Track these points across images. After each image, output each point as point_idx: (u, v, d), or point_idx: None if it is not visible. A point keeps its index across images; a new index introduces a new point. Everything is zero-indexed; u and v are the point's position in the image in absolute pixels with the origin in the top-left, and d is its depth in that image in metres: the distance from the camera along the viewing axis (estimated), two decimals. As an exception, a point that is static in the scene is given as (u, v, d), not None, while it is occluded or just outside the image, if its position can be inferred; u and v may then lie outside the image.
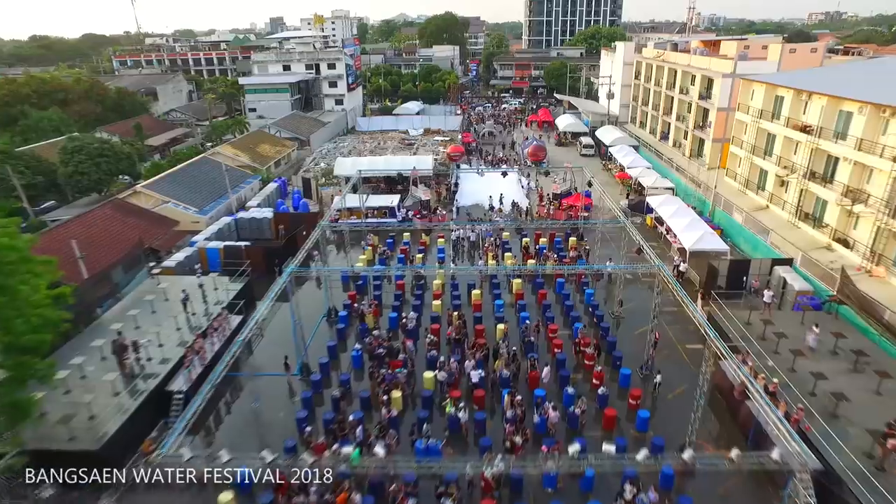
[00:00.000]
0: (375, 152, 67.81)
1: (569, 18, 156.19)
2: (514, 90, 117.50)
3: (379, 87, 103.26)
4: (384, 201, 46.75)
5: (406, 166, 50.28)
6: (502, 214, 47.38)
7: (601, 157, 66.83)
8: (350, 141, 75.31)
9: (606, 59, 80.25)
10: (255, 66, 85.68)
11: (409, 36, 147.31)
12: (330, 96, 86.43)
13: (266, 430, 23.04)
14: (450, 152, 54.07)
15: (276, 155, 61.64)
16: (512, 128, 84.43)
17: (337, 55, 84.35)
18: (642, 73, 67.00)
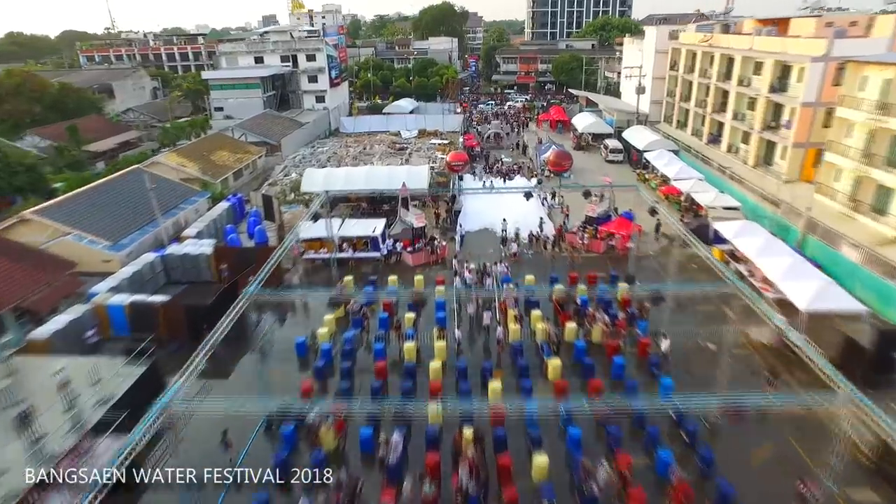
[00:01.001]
0: (360, 159, 56.50)
1: (575, 9, 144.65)
2: (518, 86, 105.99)
3: (368, 82, 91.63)
4: (363, 228, 35.24)
5: (394, 182, 38.75)
6: (521, 246, 35.93)
7: (631, 164, 55.38)
8: (331, 145, 63.85)
9: (631, 47, 68.86)
10: (223, 59, 74.10)
11: (402, 29, 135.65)
12: (310, 93, 74.86)
13: None
14: (451, 160, 42.67)
15: (235, 164, 50.05)
16: (521, 128, 72.88)
17: (317, 45, 72.79)
18: (681, 62, 55.58)
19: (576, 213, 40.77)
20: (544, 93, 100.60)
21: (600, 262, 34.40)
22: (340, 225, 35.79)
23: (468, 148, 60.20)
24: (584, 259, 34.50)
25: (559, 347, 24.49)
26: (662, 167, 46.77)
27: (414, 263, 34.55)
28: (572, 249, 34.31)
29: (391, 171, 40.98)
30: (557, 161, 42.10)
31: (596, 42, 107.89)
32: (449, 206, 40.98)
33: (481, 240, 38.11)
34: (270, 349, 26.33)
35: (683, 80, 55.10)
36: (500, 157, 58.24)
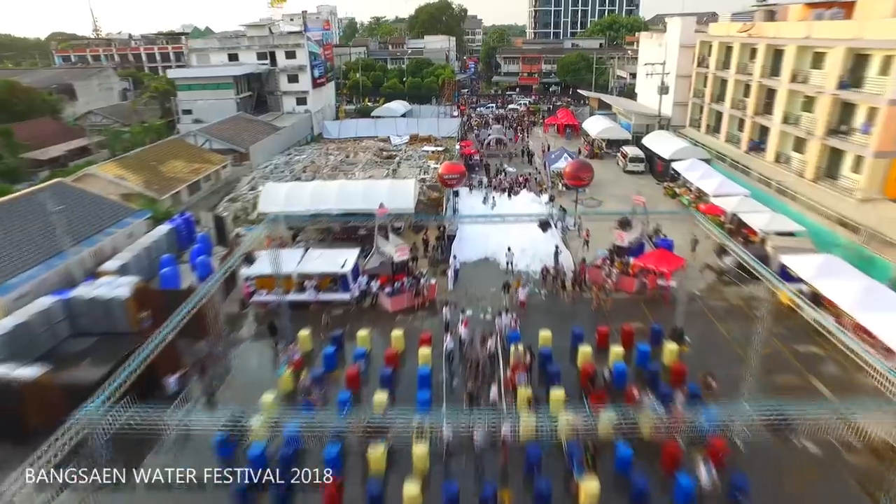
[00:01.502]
0: (340, 169, 48.80)
1: (580, 8, 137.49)
2: (520, 88, 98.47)
3: (356, 83, 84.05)
4: (330, 262, 27.53)
5: (371, 200, 31.03)
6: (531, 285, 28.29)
7: (655, 175, 47.74)
8: (310, 153, 56.17)
9: (649, 43, 61.31)
10: (194, 56, 66.52)
11: (397, 29, 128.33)
12: (290, 94, 67.23)
13: None
14: (443, 173, 34.93)
15: (190, 175, 42.34)
16: (526, 133, 65.25)
17: (297, 40, 65.19)
18: (712, 57, 47.98)
19: (597, 237, 33.11)
20: (549, 95, 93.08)
21: (634, 308, 26.73)
22: (301, 257, 28.07)
23: (466, 156, 52.58)
24: (613, 302, 26.77)
25: (594, 457, 16.67)
26: (697, 180, 39.10)
27: (394, 309, 26.86)
28: (598, 290, 26.54)
29: (369, 186, 33.26)
30: (576, 173, 34.39)
31: (604, 41, 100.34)
32: (441, 231, 33.28)
33: (481, 275, 30.41)
34: (181, 448, 18.53)
35: (715, 78, 47.47)
36: (503, 166, 50.60)
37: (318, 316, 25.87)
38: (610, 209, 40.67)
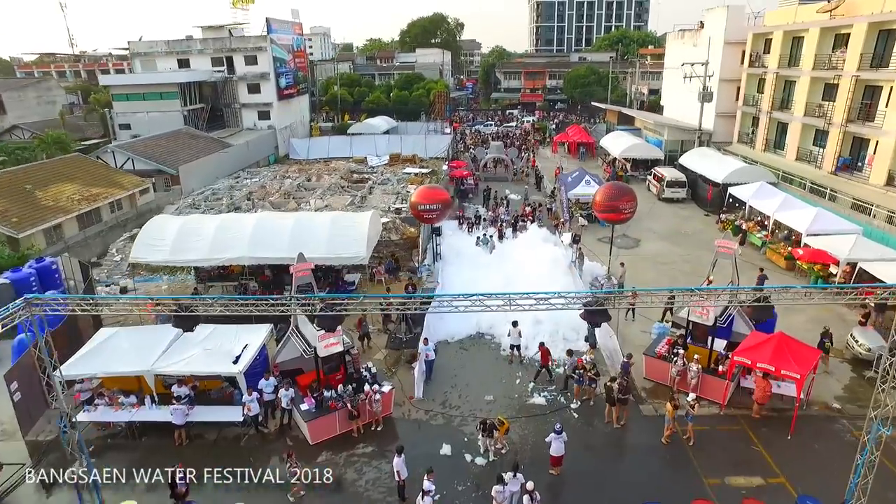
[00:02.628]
0: (294, 196, 37.86)
1: (584, 24, 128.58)
2: (523, 105, 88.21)
3: (334, 97, 73.55)
4: (216, 353, 16.16)
5: (303, 244, 19.81)
6: (554, 392, 17.01)
7: (702, 204, 36.75)
8: (264, 175, 45.25)
9: (679, 45, 50.83)
10: (137, 61, 56.05)
11: (387, 44, 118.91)
12: (250, 107, 56.63)
13: None
14: (417, 202, 23.68)
15: (80, 205, 31.23)
16: (532, 152, 54.42)
17: (259, 43, 54.83)
18: (771, 53, 37.36)
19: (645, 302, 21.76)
20: (554, 112, 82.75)
21: (736, 441, 15.26)
22: (170, 344, 16.70)
23: (457, 179, 41.58)
24: (696, 424, 15.28)
25: None
26: (775, 212, 27.93)
27: (315, 438, 15.51)
28: (672, 405, 15.01)
29: (302, 222, 21.94)
30: (611, 202, 23.09)
31: (614, 55, 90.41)
32: (409, 290, 21.97)
33: (470, 369, 19.09)
34: None
35: (777, 80, 36.74)
36: (506, 193, 39.56)
37: (192, 448, 14.50)
38: (653, 250, 29.54)
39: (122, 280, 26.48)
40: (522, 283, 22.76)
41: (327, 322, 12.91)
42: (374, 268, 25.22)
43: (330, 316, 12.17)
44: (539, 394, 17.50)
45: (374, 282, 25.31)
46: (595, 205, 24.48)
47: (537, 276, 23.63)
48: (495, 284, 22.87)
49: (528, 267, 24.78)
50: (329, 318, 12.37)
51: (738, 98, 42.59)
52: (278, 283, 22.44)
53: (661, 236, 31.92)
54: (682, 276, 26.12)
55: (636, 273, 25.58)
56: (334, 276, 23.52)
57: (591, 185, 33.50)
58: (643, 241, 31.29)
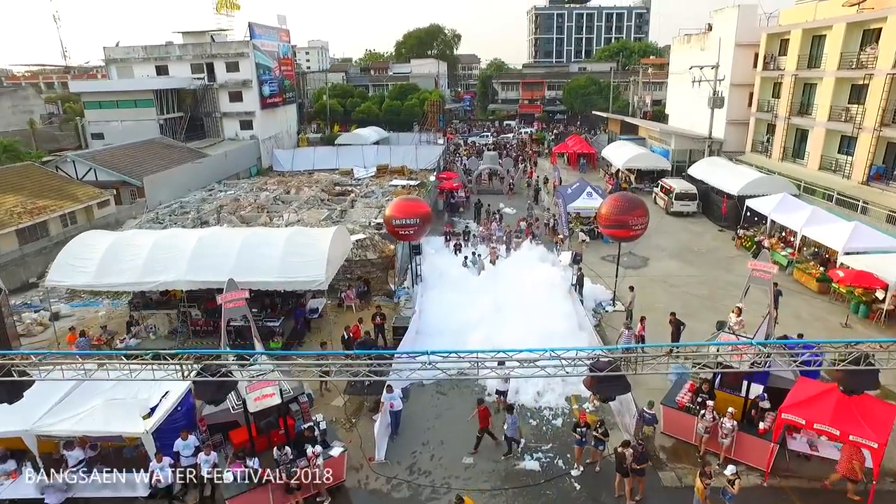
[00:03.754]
0: (269, 209, 34.67)
1: (584, 36, 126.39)
2: (521, 117, 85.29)
3: (323, 107, 70.57)
4: (122, 416, 12.66)
5: (245, 267, 16.49)
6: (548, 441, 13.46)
7: (714, 218, 33.47)
8: (241, 188, 42.02)
9: (685, 49, 47.81)
10: (113, 68, 53.12)
11: (383, 55, 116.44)
12: (231, 116, 53.61)
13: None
14: (392, 216, 20.32)
15: (19, 219, 27.89)
16: (530, 164, 51.28)
17: (240, 49, 51.95)
18: (788, 54, 34.31)
19: (656, 322, 18.52)
20: (554, 124, 79.81)
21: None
22: (67, 393, 13.25)
23: (447, 192, 38.35)
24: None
25: None
26: (803, 227, 24.58)
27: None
28: (702, 485, 11.46)
29: (253, 239, 18.52)
30: (619, 216, 19.66)
31: (615, 65, 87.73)
32: (376, 321, 18.56)
33: (447, 419, 15.58)
34: None
35: (796, 83, 33.63)
36: (500, 206, 36.29)
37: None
38: (663, 270, 26.12)
39: (57, 304, 23.14)
40: (515, 311, 19.46)
41: (207, 392, 9.37)
42: (343, 292, 21.85)
43: (212, 383, 8.68)
44: (531, 455, 14.01)
45: (344, 308, 21.93)
46: (600, 219, 21.09)
47: (533, 302, 20.26)
48: (483, 312, 19.57)
49: (522, 290, 21.37)
50: (210, 385, 8.85)
51: (750, 104, 39.53)
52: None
53: (671, 254, 28.56)
54: (698, 301, 22.74)
55: (645, 297, 22.20)
56: (295, 301, 20.11)
57: (593, 198, 30.21)
58: (651, 259, 27.93)
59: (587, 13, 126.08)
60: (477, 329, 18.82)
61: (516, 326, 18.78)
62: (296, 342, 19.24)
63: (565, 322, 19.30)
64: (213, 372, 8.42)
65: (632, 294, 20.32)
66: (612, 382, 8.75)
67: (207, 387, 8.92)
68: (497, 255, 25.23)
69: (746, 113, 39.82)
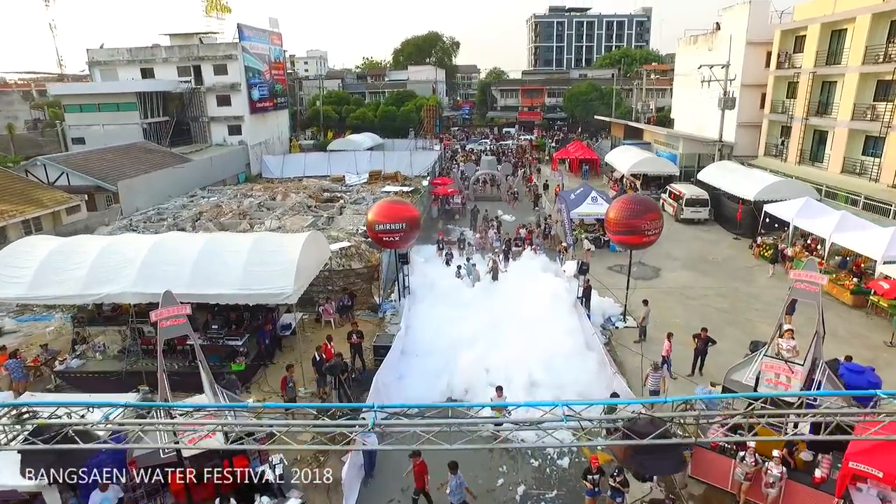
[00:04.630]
0: (252, 215, 32.46)
1: (584, 44, 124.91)
2: (521, 124, 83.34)
3: (316, 112, 68.51)
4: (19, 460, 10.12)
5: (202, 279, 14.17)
6: None
7: (728, 225, 31.22)
8: (224, 194, 39.77)
9: (691, 50, 45.77)
10: (97, 71, 51.12)
11: (380, 63, 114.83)
12: (220, 121, 51.55)
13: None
14: (374, 221, 18.04)
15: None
16: (530, 170, 49.12)
17: (228, 51, 49.97)
18: (805, 51, 32.21)
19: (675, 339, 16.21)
20: (554, 131, 77.79)
21: None
22: None
23: (441, 198, 36.13)
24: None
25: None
26: (832, 234, 22.29)
27: None
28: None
29: (212, 246, 16.11)
30: (629, 220, 17.24)
31: (617, 72, 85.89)
32: (353, 341, 16.14)
33: (432, 460, 12.96)
34: None
35: (814, 80, 31.47)
36: (498, 213, 34.04)
37: None
38: (677, 281, 23.75)
39: (3, 319, 20.79)
40: (513, 326, 17.09)
41: (41, 463, 6.72)
42: (321, 305, 19.48)
43: (51, 452, 6.17)
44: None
45: (322, 324, 19.56)
46: (608, 224, 18.76)
47: (533, 316, 17.91)
48: (476, 328, 17.20)
49: (522, 304, 19.03)
50: (47, 456, 6.24)
51: (763, 105, 37.42)
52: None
53: (684, 264, 26.24)
54: (718, 315, 20.36)
55: (660, 311, 19.92)
56: (265, 316, 17.74)
57: (598, 203, 28.02)
58: (664, 270, 25.61)
59: (587, 21, 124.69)
60: (469, 347, 16.48)
61: (514, 344, 16.48)
62: (263, 363, 16.86)
63: (570, 340, 16.94)
64: (52, 435, 6.01)
65: (646, 309, 17.97)
66: (660, 456, 6.16)
67: (41, 457, 6.24)
68: (498, 266, 22.76)
69: (758, 115, 37.71)
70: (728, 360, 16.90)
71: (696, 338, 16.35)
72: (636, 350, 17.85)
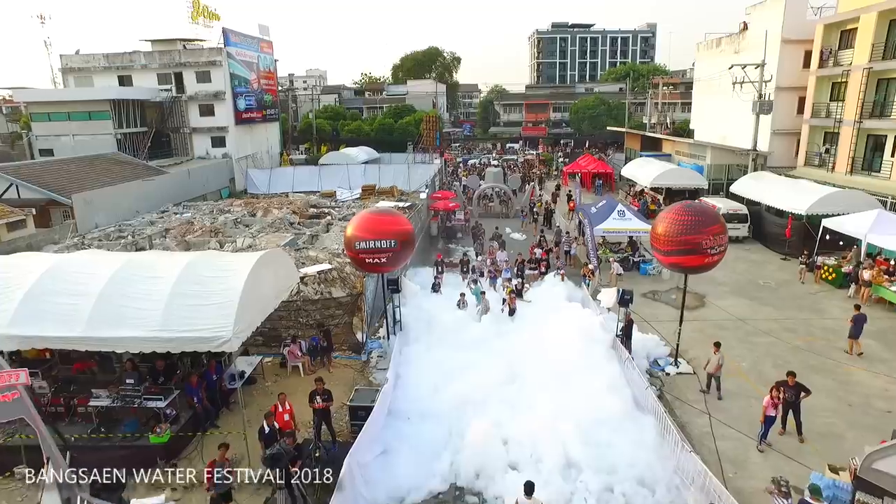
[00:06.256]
0: (225, 232, 28.32)
1: (588, 60, 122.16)
2: (525, 140, 79.64)
3: (309, 124, 64.72)
4: None
5: (89, 323, 9.85)
6: None
7: (770, 243, 27.03)
8: (199, 209, 35.67)
9: (713, 53, 42.00)
10: (71, 78, 47.39)
11: (378, 79, 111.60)
12: (202, 132, 47.66)
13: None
14: (354, 235, 13.88)
15: None
16: (538, 184, 45.04)
17: (212, 57, 46.28)
18: (856, 47, 28.28)
19: (742, 389, 11.68)
20: (561, 146, 74.05)
21: None
22: None
23: (441, 213, 31.98)
24: None
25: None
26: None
27: None
28: None
29: (128, 272, 11.87)
30: (683, 234, 13.03)
31: (625, 85, 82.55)
32: (316, 402, 11.64)
33: None
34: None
35: (869, 78, 27.46)
36: (505, 232, 29.80)
37: None
38: (729, 312, 19.36)
39: None
40: (539, 378, 12.77)
41: None
42: (286, 346, 15.13)
43: None
44: None
45: (288, 370, 15.19)
46: (656, 241, 14.44)
47: (565, 365, 13.57)
48: (489, 381, 12.85)
49: (547, 346, 14.69)
50: None
51: (800, 111, 33.51)
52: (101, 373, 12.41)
53: (732, 290, 21.93)
54: (795, 356, 16.01)
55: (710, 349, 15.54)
56: (208, 363, 13.37)
57: (625, 218, 23.80)
58: (709, 296, 21.29)
59: (591, 37, 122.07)
60: (480, 409, 12.14)
61: (540, 405, 12.12)
62: (201, 428, 12.42)
63: (616, 398, 12.59)
64: None
65: (717, 356, 13.56)
66: None
67: None
68: (516, 299, 18.27)
69: (795, 121, 33.75)
70: (825, 422, 12.60)
71: (781, 387, 12.04)
72: (697, 405, 13.53)
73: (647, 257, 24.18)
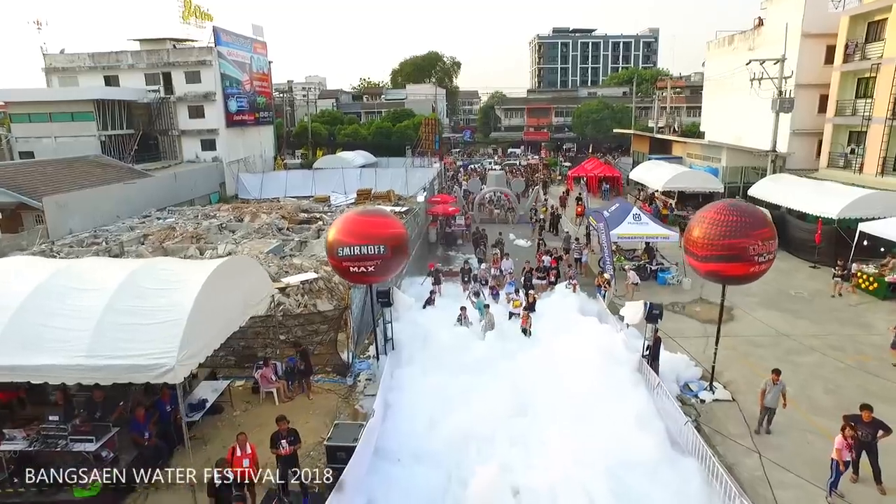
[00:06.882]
0: (206, 238, 26.31)
1: (590, 65, 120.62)
2: (527, 145, 77.74)
3: (304, 127, 62.79)
4: None
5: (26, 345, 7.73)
6: None
7: (796, 250, 24.96)
8: (184, 215, 33.66)
9: (725, 51, 40.10)
10: (55, 78, 45.48)
11: (376, 84, 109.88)
12: (191, 134, 45.69)
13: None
14: (337, 239, 11.84)
15: None
16: (543, 188, 42.91)
17: (202, 56, 44.40)
18: (893, 37, 26.30)
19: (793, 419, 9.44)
20: (565, 151, 72.16)
21: None
22: None
23: (440, 218, 29.91)
24: None
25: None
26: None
27: None
28: None
29: (55, 285, 9.77)
30: (726, 237, 11.06)
31: (629, 89, 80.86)
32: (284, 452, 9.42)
33: None
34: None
35: (900, 73, 25.51)
36: (509, 238, 27.74)
37: None
38: (763, 326, 17.21)
39: None
40: (553, 411, 10.60)
41: None
42: (259, 369, 12.98)
43: None
44: None
45: (261, 398, 13.04)
46: (692, 245, 12.28)
47: (584, 391, 11.41)
48: (496, 414, 10.67)
49: (561, 368, 12.55)
50: None
51: (822, 109, 31.53)
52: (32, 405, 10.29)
53: (762, 302, 19.82)
54: (847, 380, 13.86)
55: (752, 371, 13.48)
56: (161, 390, 11.21)
57: (641, 223, 21.78)
58: (737, 309, 19.16)
59: (593, 42, 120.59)
60: (486, 450, 9.99)
61: (556, 445, 9.95)
62: (148, 471, 10.23)
63: (646, 435, 10.43)
64: None
65: (777, 385, 11.35)
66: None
67: None
68: (528, 317, 16.00)
69: (816, 120, 31.76)
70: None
71: (851, 423, 9.89)
72: (743, 441, 11.38)
73: (665, 265, 22.12)
